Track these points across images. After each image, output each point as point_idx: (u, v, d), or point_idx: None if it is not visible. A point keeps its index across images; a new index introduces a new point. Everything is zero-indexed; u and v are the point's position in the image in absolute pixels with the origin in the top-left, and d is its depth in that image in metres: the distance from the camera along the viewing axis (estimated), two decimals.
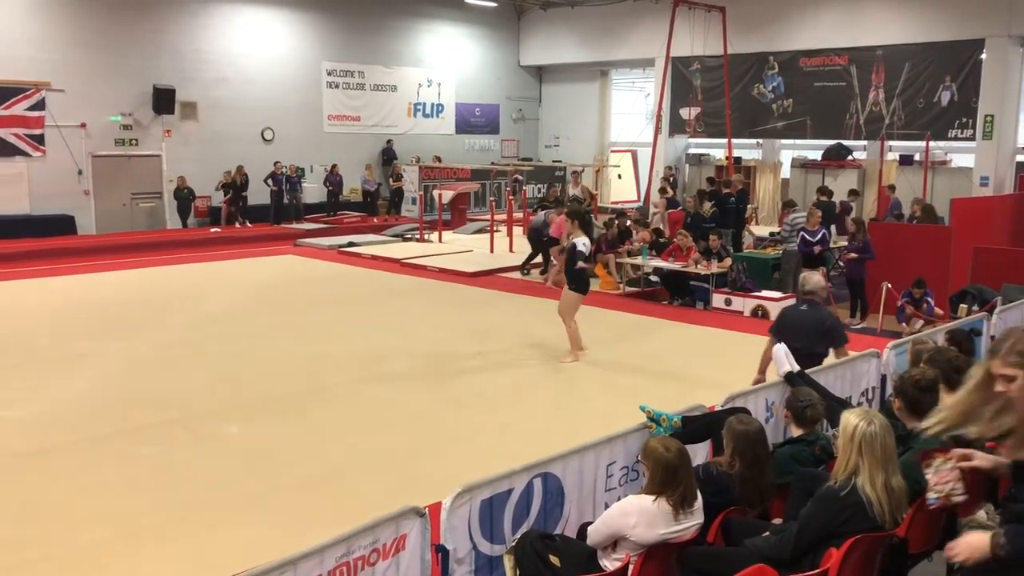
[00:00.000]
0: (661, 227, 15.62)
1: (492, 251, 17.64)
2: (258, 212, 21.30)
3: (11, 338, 10.49)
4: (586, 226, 9.30)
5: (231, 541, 5.34)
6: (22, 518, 5.64)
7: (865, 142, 21.22)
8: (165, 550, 5.28)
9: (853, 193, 18.48)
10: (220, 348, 10.00)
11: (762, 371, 6.69)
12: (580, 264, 9.18)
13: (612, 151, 27.04)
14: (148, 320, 11.49)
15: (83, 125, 19.34)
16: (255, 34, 22.00)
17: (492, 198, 21.28)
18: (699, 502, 4.02)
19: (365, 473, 6.49)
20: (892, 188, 17.61)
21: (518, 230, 18.22)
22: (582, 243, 9.12)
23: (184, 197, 20.51)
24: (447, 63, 26.21)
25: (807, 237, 12.03)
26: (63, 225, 19.03)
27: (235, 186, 20.70)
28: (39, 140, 18.88)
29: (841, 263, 13.36)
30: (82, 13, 19.21)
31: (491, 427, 7.54)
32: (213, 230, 20.15)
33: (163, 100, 20.18)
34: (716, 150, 24.33)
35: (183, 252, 17.95)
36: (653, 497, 3.88)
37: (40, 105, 18.75)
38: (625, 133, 26.28)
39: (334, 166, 22.75)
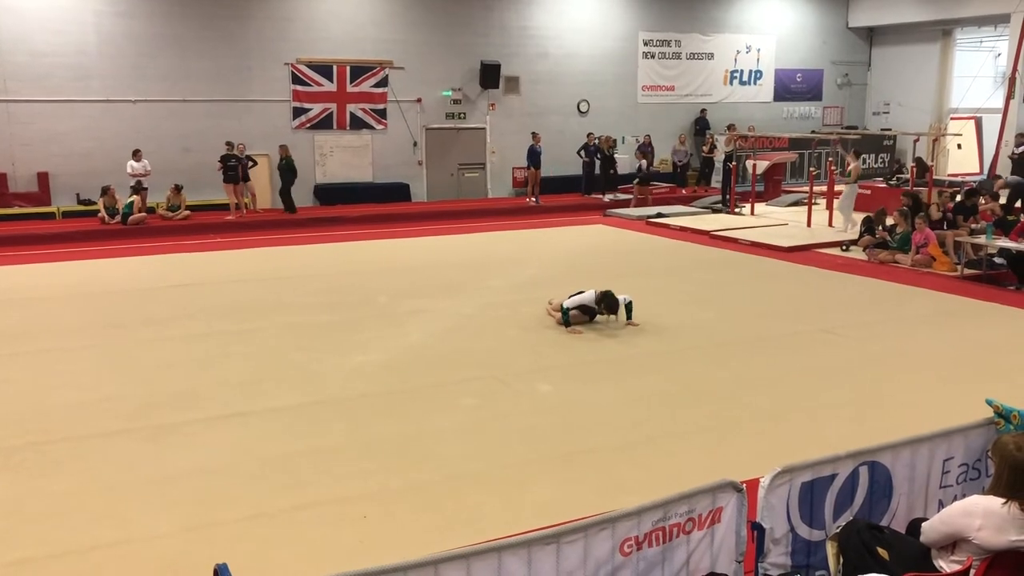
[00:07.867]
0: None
1: (809, 225, 16.77)
2: (562, 183, 21.93)
3: (354, 293, 11.68)
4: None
5: (544, 494, 5.56)
6: (364, 454, 6.29)
7: None
8: (486, 494, 5.62)
9: None
10: (534, 312, 10.44)
11: None
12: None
13: (952, 118, 24.52)
14: (470, 282, 12.27)
15: (419, 100, 21.04)
16: (576, 9, 22.52)
17: (812, 169, 20.19)
18: None
19: (676, 442, 6.48)
20: None
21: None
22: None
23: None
24: (768, 28, 25.14)
25: None
26: (399, 192, 20.90)
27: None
28: (382, 114, 20.84)
29: None
30: None
31: (805, 408, 7.19)
32: (530, 200, 21.02)
33: (489, 75, 21.38)
34: None
35: (500, 220, 18.97)
36: (1003, 500, 3.48)
37: (384, 82, 20.65)
38: (969, 98, 23.68)
39: (647, 137, 22.80)
